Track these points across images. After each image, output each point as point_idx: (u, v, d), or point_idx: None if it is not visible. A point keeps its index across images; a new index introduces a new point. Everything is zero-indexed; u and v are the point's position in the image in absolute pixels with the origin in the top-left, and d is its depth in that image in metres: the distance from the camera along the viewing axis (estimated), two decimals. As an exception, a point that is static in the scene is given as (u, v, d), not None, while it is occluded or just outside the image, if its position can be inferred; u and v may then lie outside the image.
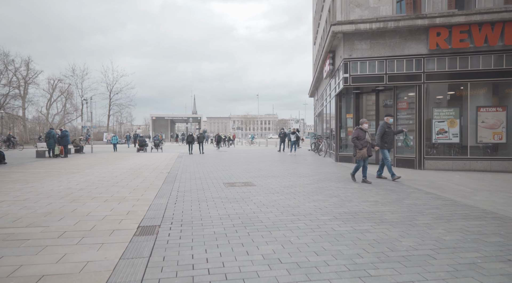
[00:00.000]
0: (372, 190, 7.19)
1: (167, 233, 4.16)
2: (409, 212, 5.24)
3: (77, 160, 15.24)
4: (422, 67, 11.00)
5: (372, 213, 5.19)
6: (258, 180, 8.77)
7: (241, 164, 13.26)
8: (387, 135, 8.52)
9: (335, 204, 5.87)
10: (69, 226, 4.41)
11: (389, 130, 8.57)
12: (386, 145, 8.53)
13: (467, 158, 10.83)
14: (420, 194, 6.80)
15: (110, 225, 4.48)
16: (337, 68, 13.13)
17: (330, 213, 5.19)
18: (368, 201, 6.09)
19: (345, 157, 13.19)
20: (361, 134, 7.95)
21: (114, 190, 7.25)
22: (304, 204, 5.84)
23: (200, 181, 8.70)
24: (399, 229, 4.35)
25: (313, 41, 29.37)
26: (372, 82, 11.51)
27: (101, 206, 5.62)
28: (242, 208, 5.58)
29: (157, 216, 4.98)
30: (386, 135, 8.51)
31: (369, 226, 4.49)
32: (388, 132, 8.52)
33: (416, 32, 10.97)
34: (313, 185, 7.93)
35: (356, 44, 11.47)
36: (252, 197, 6.47)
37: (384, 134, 8.49)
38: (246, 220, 4.81)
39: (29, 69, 46.12)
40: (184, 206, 5.69)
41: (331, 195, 6.70)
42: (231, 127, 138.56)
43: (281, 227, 4.42)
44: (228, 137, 36.34)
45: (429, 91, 11.17)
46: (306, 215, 5.10)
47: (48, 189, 7.24)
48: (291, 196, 6.60)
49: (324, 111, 19.19)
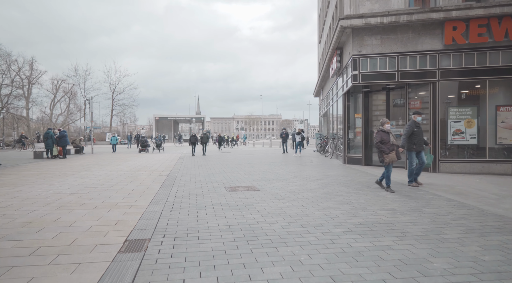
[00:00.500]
0: (387, 197, 6.57)
1: (157, 249, 3.59)
2: (433, 224, 4.62)
3: (75, 162, 14.77)
4: (436, 64, 10.34)
5: (392, 225, 4.58)
6: (262, 184, 8.19)
7: (244, 166, 12.69)
8: (416, 136, 7.54)
9: (347, 212, 5.27)
10: (46, 239, 3.86)
11: (418, 129, 7.59)
12: (415, 147, 7.57)
13: (485, 161, 10.15)
14: (440, 201, 6.17)
15: (94, 238, 3.93)
16: (345, 66, 12.51)
17: (343, 224, 4.59)
18: (384, 210, 5.48)
19: (353, 159, 12.55)
20: (385, 137, 7.01)
21: (107, 195, 6.71)
22: (313, 213, 5.25)
23: (200, 184, 8.14)
24: (426, 245, 3.74)
25: (318, 40, 28.73)
26: (383, 80, 10.87)
27: (88, 215, 5.07)
28: (244, 217, 5.00)
29: (148, 227, 4.42)
30: (415, 135, 7.53)
31: (391, 241, 3.88)
32: (416, 132, 7.54)
33: (430, 26, 10.31)
34: (322, 190, 7.33)
35: (366, 39, 10.84)
36: (255, 204, 5.89)
37: (412, 134, 7.53)
38: (249, 232, 4.23)
39: (32, 69, 46.06)
40: (180, 215, 5.12)
41: (342, 201, 6.10)
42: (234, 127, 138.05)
43: (289, 242, 3.83)
44: (231, 138, 35.77)
45: (444, 89, 10.50)
46: (316, 226, 4.51)
47: (35, 194, 6.71)
48: (298, 202, 6.01)
49: (331, 111, 18.55)
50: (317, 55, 30.34)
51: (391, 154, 6.93)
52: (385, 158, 6.99)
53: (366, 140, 12.09)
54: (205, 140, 20.05)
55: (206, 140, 20.13)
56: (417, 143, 7.59)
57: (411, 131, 7.55)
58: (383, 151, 6.96)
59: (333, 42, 12.61)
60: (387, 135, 7.06)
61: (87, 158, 16.85)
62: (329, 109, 19.22)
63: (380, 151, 7.04)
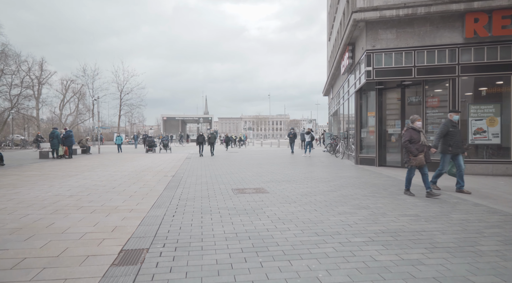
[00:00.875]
0: (407, 200, 6.06)
1: (155, 261, 3.19)
2: (464, 233, 4.12)
3: (80, 162, 14.55)
4: (456, 58, 9.73)
5: (418, 233, 4.09)
6: (271, 185, 7.75)
7: (252, 166, 12.26)
8: (452, 136, 6.66)
9: (366, 219, 4.80)
10: (33, 249, 3.50)
11: (455, 129, 6.72)
12: (450, 149, 6.68)
13: (510, 162, 9.50)
14: (467, 205, 5.63)
15: (86, 248, 3.55)
16: (357, 62, 11.97)
17: (363, 232, 4.12)
18: (406, 215, 4.98)
19: (366, 159, 12.01)
20: (414, 136, 6.23)
21: (108, 197, 6.36)
22: (328, 219, 4.79)
23: (206, 186, 7.74)
24: (462, 259, 3.25)
25: (327, 38, 28.13)
26: (399, 76, 10.30)
27: (84, 220, 4.70)
28: (253, 223, 4.57)
29: (148, 235, 4.02)
30: (450, 136, 6.66)
31: (420, 254, 3.40)
32: (452, 132, 6.67)
33: (450, 18, 9.71)
34: (335, 192, 6.85)
35: (381, 33, 10.29)
36: (265, 208, 5.45)
37: (447, 135, 6.68)
38: (258, 241, 3.80)
39: (42, 70, 46.48)
40: (184, 220, 4.72)
41: (359, 206, 5.62)
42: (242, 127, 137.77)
43: (304, 254, 3.39)
44: (239, 138, 35.37)
45: (464, 86, 9.89)
46: (333, 234, 4.05)
47: (33, 196, 6.40)
48: (311, 207, 5.56)
49: (341, 110, 17.99)
50: (326, 53, 29.74)
51: (419, 156, 6.14)
52: (411, 160, 6.23)
53: (380, 139, 11.53)
54: (212, 140, 19.57)
55: (213, 140, 19.65)
56: (453, 145, 6.68)
57: (446, 131, 6.71)
58: (411, 152, 6.19)
59: (345, 37, 12.08)
60: (417, 133, 6.27)
61: (93, 158, 16.65)
62: (340, 108, 18.66)
63: (408, 151, 6.28)
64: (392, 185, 7.78)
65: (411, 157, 6.23)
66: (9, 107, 38.34)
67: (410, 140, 6.24)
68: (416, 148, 6.16)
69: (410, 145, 6.21)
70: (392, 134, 11.54)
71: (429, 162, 6.25)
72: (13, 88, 39.57)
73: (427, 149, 6.26)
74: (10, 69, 37.97)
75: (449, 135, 6.71)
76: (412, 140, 6.22)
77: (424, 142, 6.26)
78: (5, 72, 37.13)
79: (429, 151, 6.34)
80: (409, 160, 6.29)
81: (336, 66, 17.51)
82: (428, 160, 6.26)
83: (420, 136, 6.27)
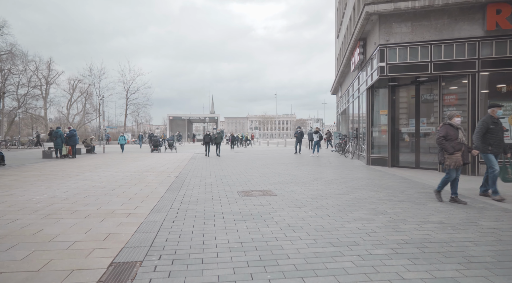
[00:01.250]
0: (427, 205, 5.57)
1: (148, 278, 2.77)
2: (500, 244, 3.63)
3: (83, 161, 14.28)
4: (476, 53, 9.15)
5: (446, 244, 3.61)
6: (279, 187, 7.31)
7: (258, 166, 11.82)
8: (493, 134, 5.93)
9: (385, 226, 4.32)
10: (13, 261, 3.11)
11: (495, 127, 5.96)
12: (491, 148, 5.96)
13: (534, 163, 8.88)
14: (495, 211, 5.11)
15: (72, 260, 3.15)
16: (369, 58, 11.44)
17: (384, 243, 3.66)
18: (429, 222, 4.50)
19: (378, 159, 11.48)
20: (451, 132, 5.56)
21: (105, 200, 5.99)
22: (343, 226, 4.33)
23: (211, 188, 7.33)
24: (506, 279, 2.77)
25: (335, 35, 27.54)
26: (414, 72, 9.75)
27: (76, 225, 4.32)
28: (260, 230, 4.13)
29: (143, 244, 3.62)
30: (491, 133, 5.93)
31: (454, 270, 2.93)
32: (493, 129, 5.93)
33: (469, 10, 9.13)
34: (348, 195, 6.38)
35: (395, 27, 9.75)
36: (272, 213, 5.02)
37: (488, 132, 5.95)
38: (266, 253, 3.36)
39: (50, 70, 46.70)
40: (184, 227, 4.31)
41: (375, 211, 5.14)
42: (248, 127, 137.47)
43: (319, 270, 2.94)
44: (245, 137, 34.96)
45: (485, 82, 9.30)
46: (350, 245, 3.59)
47: (27, 198, 6.06)
48: (323, 211, 5.10)
49: (350, 108, 17.44)
50: (334, 51, 29.15)
51: (456, 155, 5.51)
52: (447, 159, 5.55)
53: (392, 138, 11.00)
54: (219, 140, 18.75)
55: (220, 140, 18.84)
56: (493, 144, 5.94)
57: (486, 128, 5.94)
58: (446, 150, 5.51)
59: (356, 32, 11.56)
60: (455, 130, 5.59)
61: (96, 158, 16.40)
62: (349, 107, 18.10)
63: (442, 149, 5.61)
64: (408, 187, 7.28)
65: (446, 156, 5.56)
66: (16, 107, 38.51)
67: (445, 136, 5.55)
68: (452, 146, 5.48)
69: (445, 142, 5.52)
70: (405, 133, 10.99)
71: (467, 163, 5.60)
72: (20, 88, 39.76)
73: (465, 148, 5.58)
74: (17, 69, 38.16)
75: (490, 133, 5.94)
76: (447, 136, 5.54)
77: (462, 140, 5.58)
78: (12, 72, 37.32)
79: (468, 151, 5.65)
80: (444, 159, 5.62)
81: (346, 63, 16.96)
82: (466, 160, 5.58)
83: (458, 133, 5.59)
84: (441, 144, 5.60)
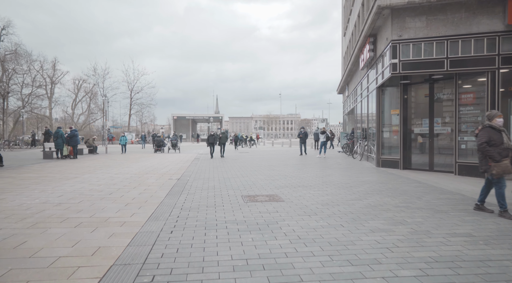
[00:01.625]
0: (449, 213, 5.08)
1: (136, 307, 2.34)
2: (546, 264, 3.13)
3: (84, 162, 13.94)
4: (496, 48, 8.59)
5: (483, 264, 3.14)
6: (286, 192, 6.85)
7: (263, 168, 11.37)
8: None
9: (407, 239, 3.85)
10: (-17, 284, 2.70)
11: None
12: None
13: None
14: (528, 221, 4.61)
15: (51, 282, 2.72)
16: (380, 54, 10.92)
17: (410, 261, 3.19)
18: (457, 235, 4.01)
19: (388, 161, 10.96)
20: (494, 136, 4.87)
21: (100, 206, 5.58)
22: (359, 239, 3.87)
23: (214, 192, 6.90)
24: None
25: (342, 33, 26.97)
26: (429, 69, 9.21)
27: (64, 237, 3.91)
28: (267, 244, 3.69)
29: (135, 261, 3.19)
30: None
31: (501, 300, 2.45)
32: None
33: (489, 3, 8.57)
34: (361, 201, 5.91)
35: (408, 21, 9.23)
36: (280, 222, 4.57)
37: None
38: (275, 273, 2.92)
39: (55, 69, 46.67)
40: (183, 238, 3.88)
41: (394, 220, 4.67)
42: (253, 127, 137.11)
43: (338, 298, 2.48)
44: (250, 137, 34.49)
45: (505, 79, 8.73)
46: (371, 264, 3.13)
47: (17, 203, 5.67)
48: (336, 221, 4.64)
49: (358, 108, 16.90)
50: (341, 50, 28.58)
51: (504, 162, 4.69)
52: (493, 167, 4.80)
53: (405, 140, 10.48)
54: (223, 140, 17.89)
55: (224, 141, 17.98)
56: None
57: None
58: (492, 157, 4.78)
59: (366, 27, 11.04)
60: (498, 134, 4.91)
61: (98, 159, 16.06)
62: (357, 106, 17.56)
63: (487, 156, 4.88)
64: (425, 192, 6.78)
65: (492, 164, 4.82)
66: (20, 107, 38.48)
67: (488, 142, 4.88)
68: (498, 152, 4.79)
69: (490, 148, 4.84)
70: (418, 134, 10.46)
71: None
72: (25, 87, 39.72)
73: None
74: (21, 69, 38.12)
75: None
76: (491, 141, 4.87)
77: (508, 145, 4.86)
78: (17, 71, 37.29)
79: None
80: (489, 168, 4.88)
81: (354, 61, 16.43)
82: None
83: (502, 136, 4.89)
84: (486, 151, 4.88)
